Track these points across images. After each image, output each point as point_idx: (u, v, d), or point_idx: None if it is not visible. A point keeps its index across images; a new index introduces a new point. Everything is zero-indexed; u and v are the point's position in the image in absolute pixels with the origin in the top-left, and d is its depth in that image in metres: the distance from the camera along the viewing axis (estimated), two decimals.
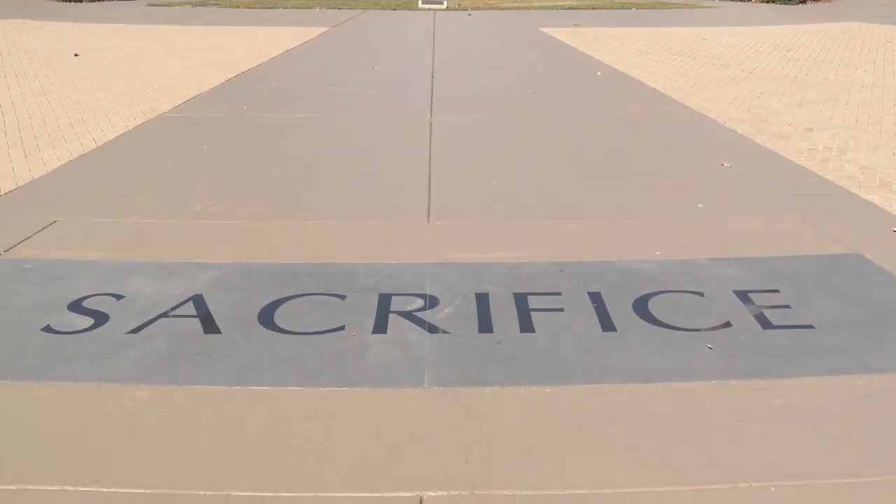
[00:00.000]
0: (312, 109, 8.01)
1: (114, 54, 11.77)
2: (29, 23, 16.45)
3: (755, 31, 15.05)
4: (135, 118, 7.39)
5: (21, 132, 6.90)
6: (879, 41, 13.79)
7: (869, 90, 9.10)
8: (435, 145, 6.43)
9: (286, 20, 16.83)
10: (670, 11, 19.74)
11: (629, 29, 15.22)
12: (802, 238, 4.42)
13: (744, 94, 8.70)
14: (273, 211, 4.86)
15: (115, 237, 4.40)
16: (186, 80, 9.39)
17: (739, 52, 12.18)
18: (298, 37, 13.53)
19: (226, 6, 20.40)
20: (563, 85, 9.50)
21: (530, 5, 20.10)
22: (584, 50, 12.07)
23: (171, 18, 17.33)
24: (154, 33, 14.50)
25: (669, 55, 11.60)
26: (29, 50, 12.30)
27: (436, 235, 4.46)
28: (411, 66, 10.76)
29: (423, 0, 19.87)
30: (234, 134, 6.95)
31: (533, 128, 7.20)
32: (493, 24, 16.36)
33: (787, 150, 6.33)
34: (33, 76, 9.87)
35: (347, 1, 21.00)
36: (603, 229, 4.56)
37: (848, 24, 16.80)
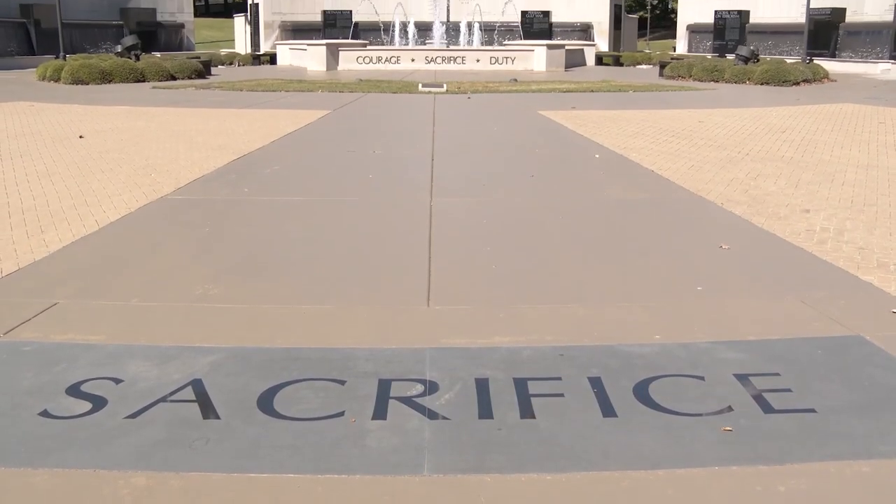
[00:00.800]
0: (313, 192, 8.09)
1: (118, 136, 11.93)
2: (36, 105, 16.70)
3: (750, 113, 15.28)
4: (137, 200, 7.46)
5: (24, 213, 6.95)
6: (872, 122, 13.99)
7: (864, 171, 9.20)
8: (435, 228, 6.48)
9: (288, 103, 17.09)
10: (666, 94, 20.06)
11: (626, 111, 15.45)
12: (802, 320, 4.42)
13: (741, 175, 8.79)
14: (273, 294, 4.88)
15: (115, 320, 4.41)
16: (189, 163, 9.50)
17: (735, 133, 12.35)
18: (300, 120, 13.72)
19: (228, 89, 20.74)
20: (562, 167, 9.61)
21: (529, 89, 20.42)
22: (582, 132, 12.23)
23: (174, 101, 17.61)
24: (158, 115, 14.71)
25: (666, 137, 11.76)
26: (35, 132, 12.47)
27: (436, 319, 4.46)
28: (411, 150, 10.89)
29: (423, 84, 20.21)
30: (235, 216, 7.01)
31: (532, 210, 7.26)
32: (493, 107, 16.60)
33: (784, 231, 6.38)
34: (38, 157, 9.99)
35: (349, 84, 21.35)
36: (603, 313, 4.57)
37: (841, 105, 17.07)
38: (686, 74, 25.18)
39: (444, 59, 30.95)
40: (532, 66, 30.47)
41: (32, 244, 5.96)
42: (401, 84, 21.42)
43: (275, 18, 41.51)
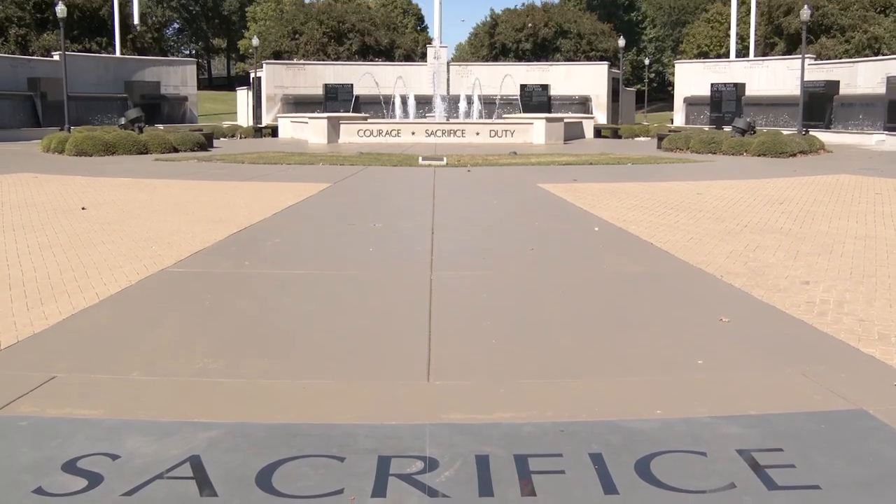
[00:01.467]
0: (313, 266, 8.11)
1: (120, 208, 12.00)
2: (40, 176, 16.86)
3: (748, 184, 15.40)
4: (138, 272, 7.47)
5: (25, 285, 6.96)
6: (869, 193, 14.09)
7: (862, 241, 9.24)
8: (435, 303, 6.48)
9: (289, 176, 17.23)
10: (665, 166, 20.22)
11: (625, 184, 15.56)
12: (804, 394, 4.40)
13: (739, 247, 8.82)
14: (273, 369, 4.86)
15: (113, 394, 4.38)
16: (190, 235, 9.54)
17: (734, 205, 12.42)
18: (301, 193, 13.81)
19: (230, 161, 20.92)
20: (562, 241, 9.64)
21: (528, 162, 20.60)
22: (581, 205, 12.30)
23: (177, 173, 17.75)
24: (160, 187, 14.82)
25: (665, 210, 11.83)
26: (38, 203, 12.56)
27: (436, 395, 4.44)
28: (412, 223, 10.95)
29: (423, 157, 20.39)
30: (236, 290, 7.02)
31: (532, 284, 7.27)
32: (492, 180, 16.72)
33: (784, 303, 6.38)
34: (40, 229, 10.04)
35: (349, 157, 21.56)
36: (603, 388, 4.55)
37: (837, 176, 17.21)
38: (684, 146, 25.43)
39: (445, 132, 31.28)
40: (531, 138, 30.78)
41: (32, 316, 5.96)
42: (401, 157, 21.61)
43: (277, 91, 42.09)
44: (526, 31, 56.73)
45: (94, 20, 49.98)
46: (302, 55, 52.96)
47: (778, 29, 53.78)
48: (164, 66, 43.61)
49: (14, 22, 47.79)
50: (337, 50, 54.86)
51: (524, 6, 63.45)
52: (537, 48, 56.16)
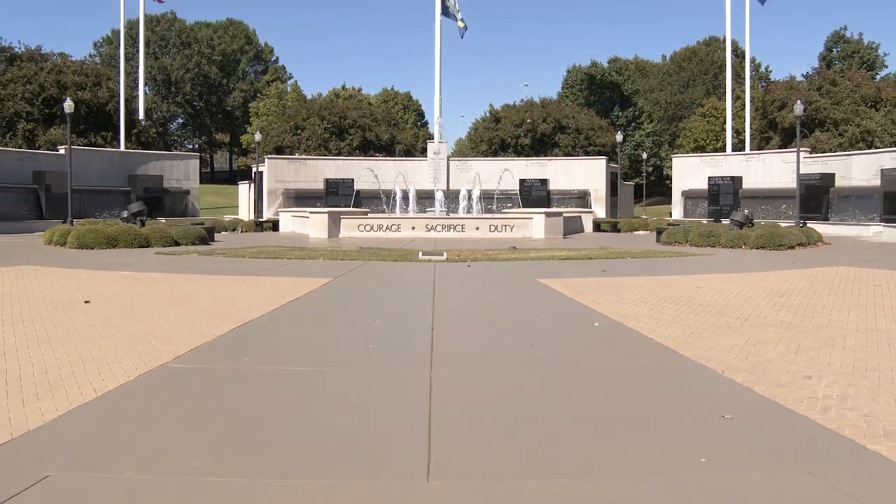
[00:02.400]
0: (313, 362, 8.07)
1: (119, 302, 11.99)
2: (41, 269, 16.89)
3: (748, 278, 15.43)
4: (136, 368, 7.43)
5: (22, 380, 6.91)
6: (868, 286, 14.11)
7: (863, 335, 9.21)
8: (435, 400, 6.42)
9: (289, 270, 17.26)
10: (664, 260, 20.28)
11: (625, 278, 15.58)
12: (810, 493, 4.33)
13: (740, 341, 8.79)
14: (271, 467, 4.79)
15: (108, 494, 4.31)
16: (190, 330, 9.51)
17: (734, 298, 12.42)
18: (301, 287, 13.82)
19: (231, 255, 21.00)
20: (562, 336, 9.61)
21: (528, 256, 20.68)
22: (581, 300, 12.30)
23: (177, 267, 17.79)
24: (161, 281, 14.85)
25: (665, 304, 11.82)
26: (38, 296, 12.56)
27: (436, 496, 4.37)
28: (412, 319, 10.92)
29: (423, 252, 20.48)
30: (235, 386, 6.97)
31: (532, 381, 7.22)
32: (492, 275, 16.75)
33: (787, 398, 6.32)
34: (39, 323, 10.02)
35: (350, 252, 21.65)
36: (605, 487, 4.48)
37: (837, 268, 17.25)
38: (683, 240, 25.57)
39: (444, 227, 31.50)
40: (531, 233, 30.97)
41: (28, 412, 5.90)
42: (401, 252, 21.70)
43: (278, 186, 42.55)
44: (525, 127, 57.62)
45: (100, 115, 50.83)
46: (304, 150, 53.71)
47: (772, 123, 54.72)
48: (168, 161, 44.22)
49: (23, 117, 48.64)
50: (338, 145, 55.66)
51: (523, 102, 64.64)
52: (536, 143, 56.96)
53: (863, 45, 77.04)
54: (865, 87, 53.88)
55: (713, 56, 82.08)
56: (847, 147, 46.99)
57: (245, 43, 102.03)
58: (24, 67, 50.55)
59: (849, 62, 73.17)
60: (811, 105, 50.00)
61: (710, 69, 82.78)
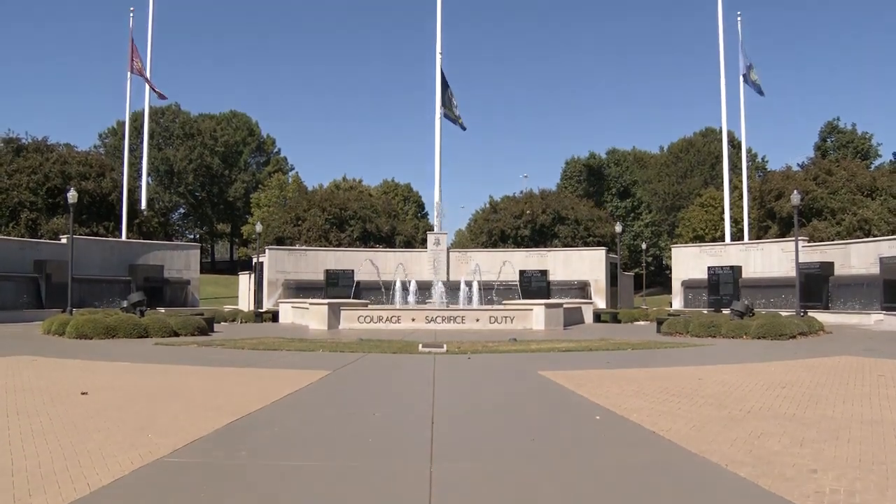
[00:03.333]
0: (312, 457, 7.95)
1: (116, 393, 11.88)
2: (38, 359, 16.81)
3: (750, 368, 15.33)
4: (132, 462, 7.32)
5: (14, 475, 6.80)
6: (872, 375, 14.01)
7: (869, 426, 9.10)
8: (434, 498, 6.31)
9: (289, 362, 17.16)
10: (665, 351, 20.19)
11: (626, 370, 15.49)
12: None
13: (743, 434, 8.68)
14: None
15: None
16: (187, 423, 9.41)
17: (736, 390, 12.32)
18: (300, 380, 13.72)
19: (230, 347, 20.90)
20: (563, 430, 9.49)
21: (528, 348, 20.60)
22: (582, 393, 12.19)
23: (176, 358, 17.69)
24: (158, 373, 14.75)
25: (667, 396, 11.71)
26: (34, 387, 12.45)
27: None
28: (412, 413, 10.80)
29: (423, 344, 20.40)
30: (232, 482, 6.85)
31: (532, 476, 7.10)
32: (493, 367, 16.64)
33: (793, 493, 6.21)
34: (35, 415, 9.91)
35: (349, 344, 21.57)
36: None
37: (839, 358, 17.16)
38: (683, 330, 25.48)
39: (445, 319, 31.44)
40: (531, 324, 30.90)
41: None
42: (401, 344, 21.61)
43: (278, 277, 42.63)
44: (525, 218, 58.04)
45: (102, 205, 51.28)
46: (304, 241, 54.00)
47: (770, 213, 55.15)
48: (168, 251, 44.42)
49: (27, 206, 49.07)
50: (339, 236, 55.99)
51: (522, 193, 65.30)
52: (536, 234, 57.30)
53: (856, 136, 78.16)
54: (860, 176, 54.49)
55: (710, 147, 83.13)
56: (845, 235, 47.28)
57: (247, 134, 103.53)
58: (30, 158, 51.26)
59: (843, 152, 74.11)
60: (808, 194, 50.47)
61: (707, 159, 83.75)
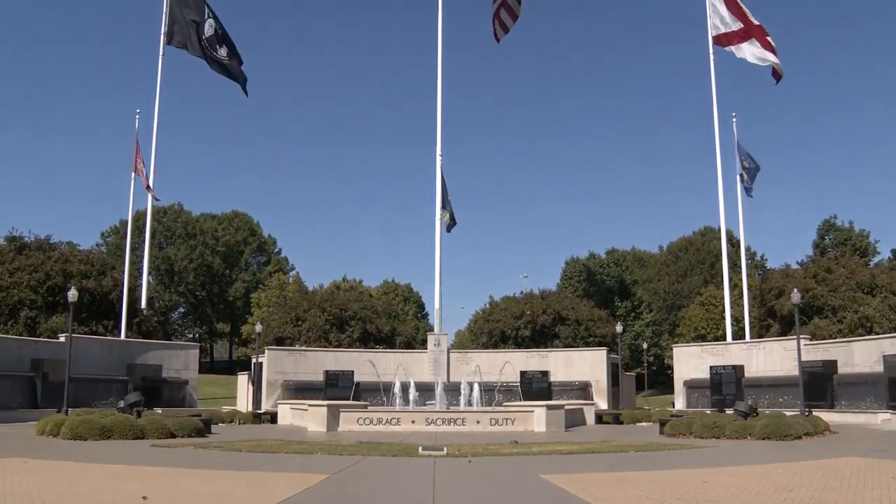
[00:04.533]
0: None
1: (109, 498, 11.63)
2: (30, 461, 16.54)
3: (755, 471, 15.07)
4: None
5: None
6: (882, 478, 13.73)
7: None
8: None
9: (287, 465, 16.91)
10: (668, 453, 19.91)
11: (629, 473, 15.25)
12: None
13: None
14: None
15: None
16: None
17: (741, 493, 12.09)
18: (298, 484, 13.47)
19: (228, 448, 20.61)
20: None
21: (529, 451, 20.32)
22: (584, 497, 11.97)
23: (172, 461, 17.40)
24: (154, 475, 14.51)
25: (671, 500, 11.49)
26: (24, 492, 12.19)
27: None
28: None
29: (423, 447, 20.13)
30: None
31: None
32: (493, 470, 16.38)
33: None
34: None
35: (349, 447, 21.28)
36: None
37: (847, 459, 16.87)
38: (686, 431, 25.17)
39: (445, 421, 31.07)
40: (532, 426, 30.54)
41: None
42: (401, 447, 21.31)
43: (277, 377, 42.31)
44: (524, 319, 57.87)
45: (102, 304, 51.21)
46: (304, 341, 53.78)
47: (771, 311, 55.07)
48: (167, 350, 44.17)
49: (26, 305, 49.01)
50: (338, 337, 55.76)
51: (522, 294, 65.17)
52: (536, 335, 57.06)
53: (854, 233, 78.66)
54: (860, 273, 54.57)
55: (709, 246, 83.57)
56: (846, 333, 47.05)
57: (249, 234, 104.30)
58: (32, 256, 51.44)
59: (842, 249, 74.40)
60: (808, 292, 50.46)
61: (706, 258, 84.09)
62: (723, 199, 46.37)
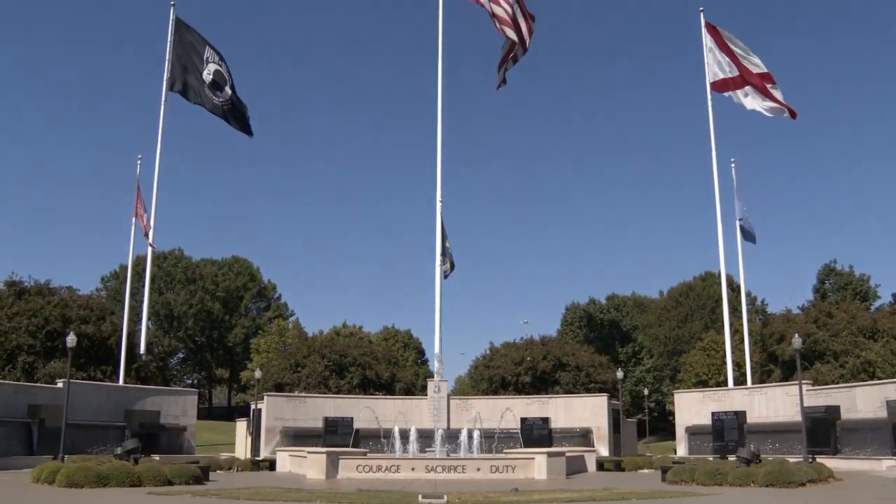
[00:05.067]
0: None
1: None
2: None
3: None
4: None
5: None
6: None
7: None
8: None
9: None
10: (670, 501, 19.70)
11: None
12: None
13: None
14: None
15: None
16: None
17: None
18: None
19: (226, 497, 20.40)
20: None
21: (530, 499, 20.12)
22: None
23: None
24: None
25: None
26: None
27: None
28: None
29: (423, 495, 19.93)
30: None
31: None
32: None
33: None
34: None
35: (347, 494, 21.07)
36: None
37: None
38: (689, 479, 24.91)
39: (445, 468, 30.70)
40: (533, 474, 30.20)
41: None
42: (400, 495, 21.07)
43: (276, 424, 42.00)
44: (525, 365, 57.56)
45: (101, 349, 50.96)
46: (303, 388, 53.45)
47: (773, 356, 54.84)
48: (166, 396, 43.90)
49: (24, 350, 48.77)
50: (338, 383, 55.41)
51: (523, 340, 64.86)
52: (536, 381, 56.72)
53: (854, 278, 78.43)
54: (861, 318, 54.38)
55: (709, 291, 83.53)
56: (849, 378, 46.77)
57: (249, 280, 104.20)
58: (31, 301, 51.26)
59: (842, 294, 74.24)
60: (809, 337, 50.29)
61: (707, 303, 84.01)
62: (722, 243, 46.49)
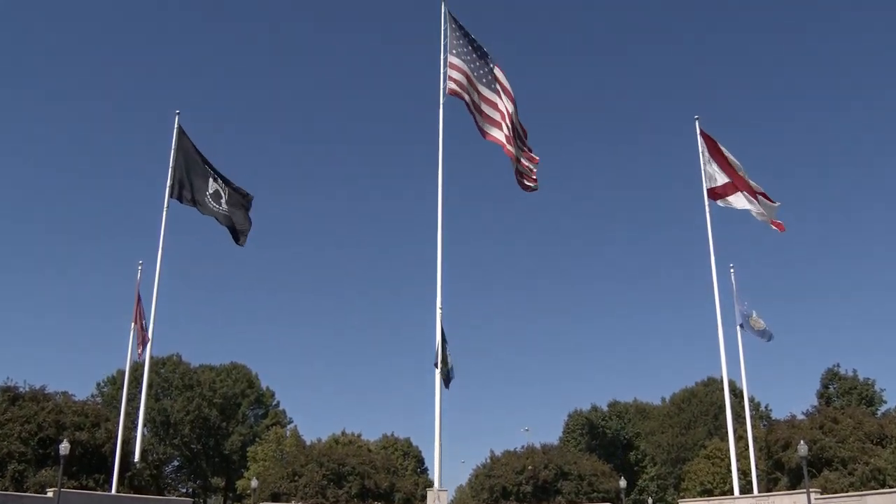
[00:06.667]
0: None
1: None
2: None
3: None
4: None
5: None
6: None
7: None
8: None
9: None
10: None
11: None
12: None
13: None
14: None
15: None
16: None
17: None
18: None
19: None
20: None
21: None
22: None
23: None
24: None
25: None
26: None
27: None
28: None
29: None
30: None
31: None
32: None
33: None
34: None
35: None
36: None
37: None
38: None
39: None
40: None
41: None
42: None
43: None
44: (526, 474, 56.50)
45: (94, 457, 49.97)
46: (300, 498, 52.33)
47: (778, 464, 53.75)
48: None
49: (15, 458, 47.76)
50: (336, 493, 54.25)
51: (524, 448, 63.85)
52: (538, 490, 55.57)
53: (859, 382, 77.34)
54: (868, 424, 53.41)
55: (712, 397, 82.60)
56: (859, 486, 45.74)
57: (247, 387, 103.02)
58: (24, 407, 50.48)
59: (847, 398, 73.24)
60: (815, 444, 49.40)
61: (710, 409, 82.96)
62: (724, 348, 46.17)
